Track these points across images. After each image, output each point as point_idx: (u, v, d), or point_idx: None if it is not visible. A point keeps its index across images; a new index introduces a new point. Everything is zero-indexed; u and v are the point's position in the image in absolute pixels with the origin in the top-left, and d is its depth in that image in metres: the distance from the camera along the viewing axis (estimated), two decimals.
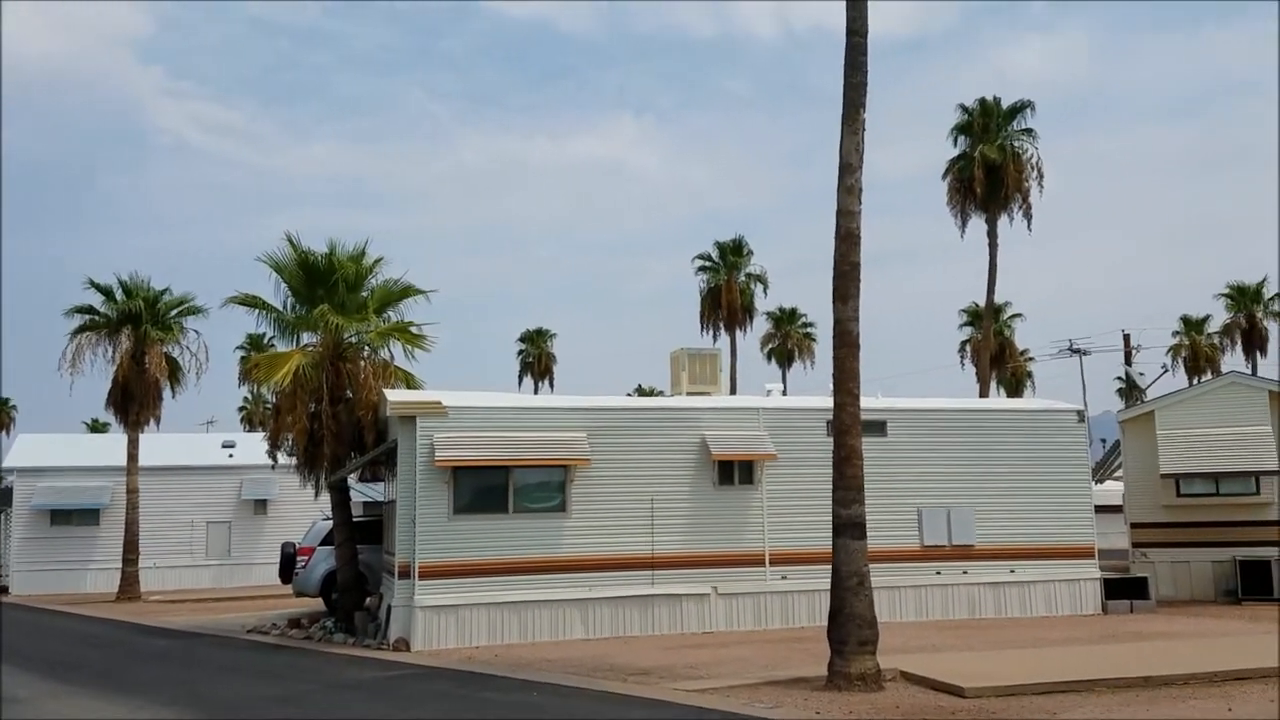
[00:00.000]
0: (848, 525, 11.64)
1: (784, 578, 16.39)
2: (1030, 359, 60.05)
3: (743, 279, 51.49)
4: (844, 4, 11.59)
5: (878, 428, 16.93)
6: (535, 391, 66.64)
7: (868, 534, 11.62)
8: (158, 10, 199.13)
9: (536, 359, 69.99)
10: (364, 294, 18.55)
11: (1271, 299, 59.45)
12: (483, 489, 15.78)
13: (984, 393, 41.99)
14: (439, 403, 15.81)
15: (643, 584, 15.95)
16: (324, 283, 18.11)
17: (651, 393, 62.41)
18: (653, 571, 16.02)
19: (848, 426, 11.89)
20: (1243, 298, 59.89)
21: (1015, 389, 61.05)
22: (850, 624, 11.14)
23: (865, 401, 17.55)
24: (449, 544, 15.35)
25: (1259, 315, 59.28)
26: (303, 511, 25.93)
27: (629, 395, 55.78)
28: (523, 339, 71.05)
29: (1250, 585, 18.55)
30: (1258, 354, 58.75)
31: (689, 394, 20.12)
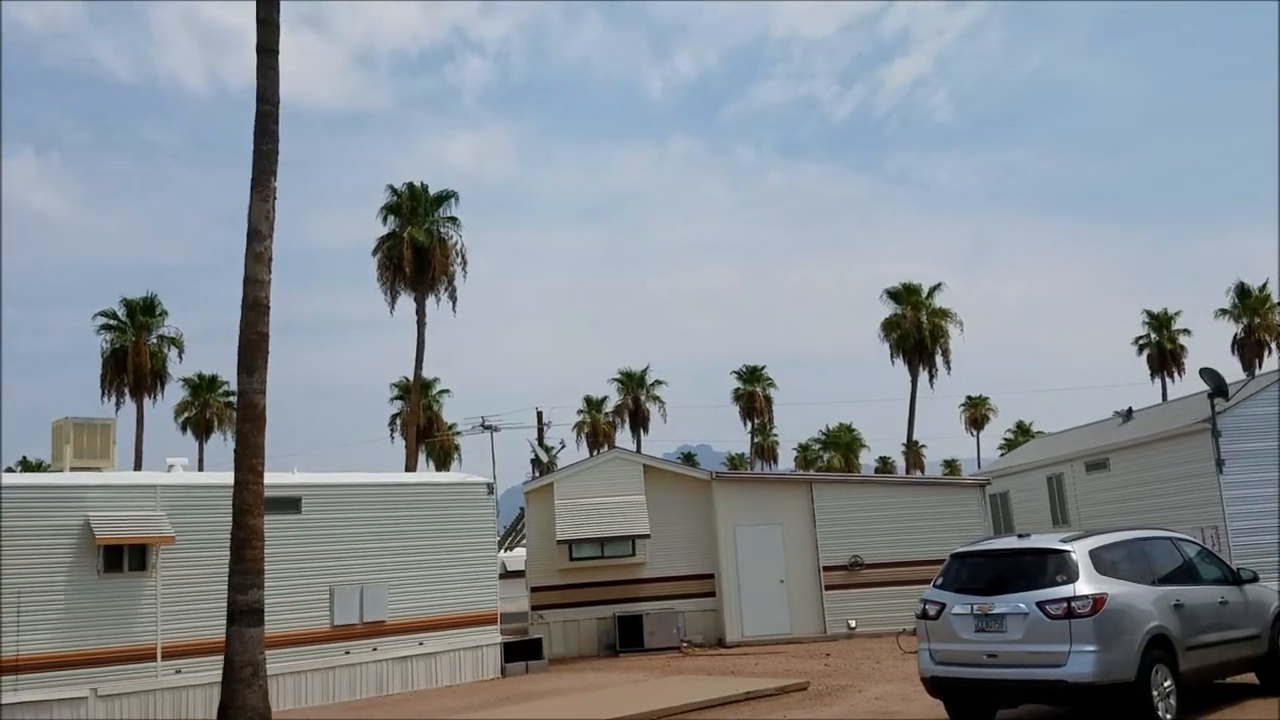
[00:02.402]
0: (244, 612, 11.08)
1: (178, 672, 14.97)
2: (457, 433, 63.00)
3: (154, 341, 47.38)
4: (264, 71, 11.39)
5: (292, 504, 16.49)
6: None
7: (278, 617, 11.14)
8: None
9: None
10: None
11: (653, 385, 69.37)
12: None
13: (411, 466, 43.03)
14: None
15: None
16: None
17: (39, 467, 54.26)
18: (16, 676, 13.65)
19: (249, 506, 11.34)
20: (630, 382, 69.09)
21: (443, 462, 63.54)
22: (241, 718, 10.51)
23: (280, 477, 17.08)
24: None
25: (643, 398, 68.73)
26: None
27: (8, 470, 47.68)
28: None
29: (626, 638, 20.96)
30: (641, 432, 67.99)
31: (74, 469, 17.66)
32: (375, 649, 17.14)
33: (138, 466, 35.83)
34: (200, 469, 47.36)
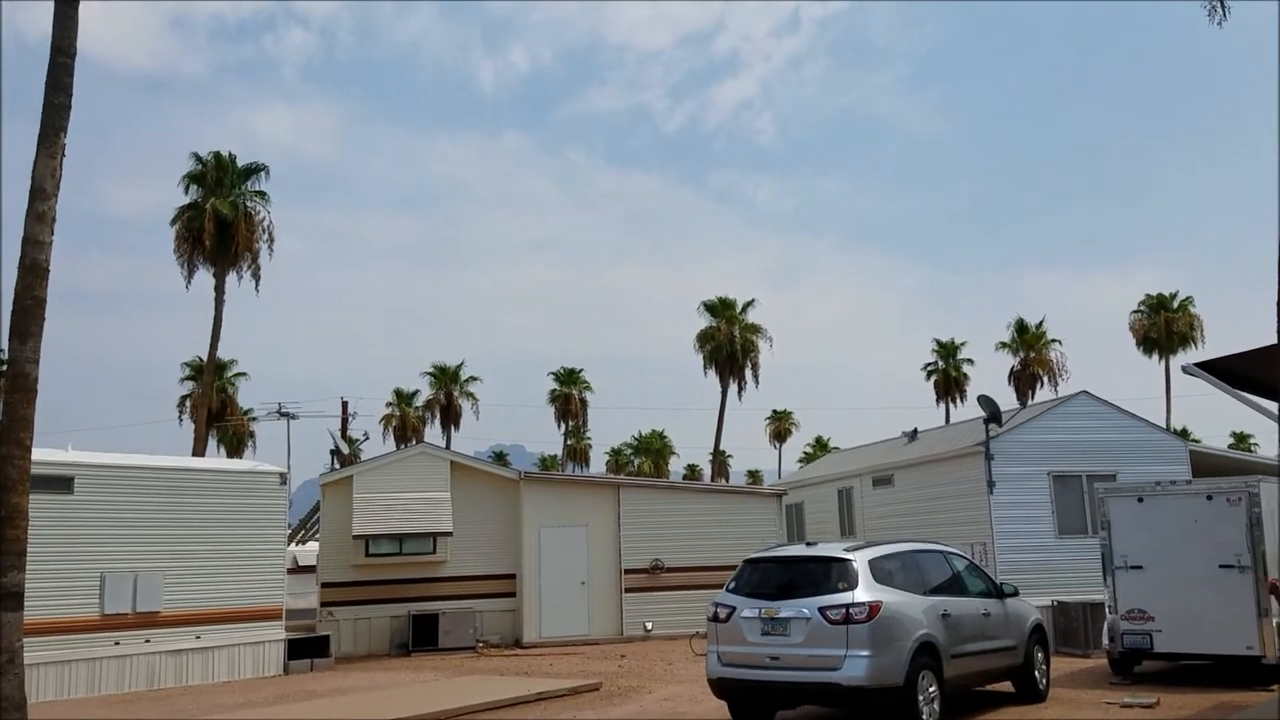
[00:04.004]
0: (3, 595, 10.24)
1: None
2: (253, 418, 60.10)
3: None
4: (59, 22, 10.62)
5: (64, 484, 15.47)
6: None
7: (42, 603, 10.36)
8: None
9: None
10: None
11: (467, 381, 68.44)
12: None
13: (200, 450, 40.74)
14: None
15: None
16: None
17: None
18: None
19: (13, 483, 10.49)
20: (444, 377, 67.92)
21: (236, 448, 60.44)
22: None
23: (52, 454, 15.88)
24: None
25: (456, 394, 67.71)
26: None
27: None
28: None
29: (420, 636, 20.53)
30: (453, 428, 66.96)
31: None
32: (148, 640, 16.15)
33: None
34: None
